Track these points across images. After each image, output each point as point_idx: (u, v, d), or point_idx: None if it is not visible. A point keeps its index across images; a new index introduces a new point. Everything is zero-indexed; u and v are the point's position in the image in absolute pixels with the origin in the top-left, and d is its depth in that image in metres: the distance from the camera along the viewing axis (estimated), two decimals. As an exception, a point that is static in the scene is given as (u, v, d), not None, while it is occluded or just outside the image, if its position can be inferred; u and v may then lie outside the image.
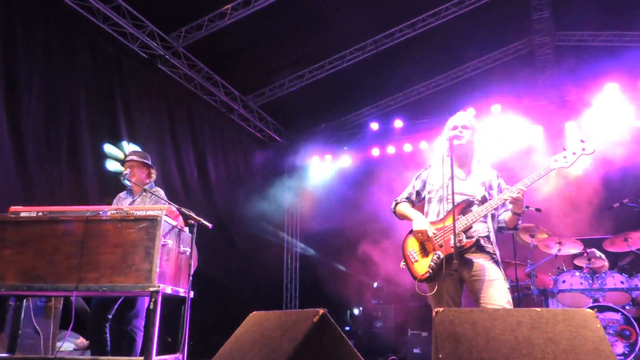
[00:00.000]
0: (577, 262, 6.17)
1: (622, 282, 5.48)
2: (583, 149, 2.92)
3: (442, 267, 2.85)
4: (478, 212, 2.89)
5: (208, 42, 6.81)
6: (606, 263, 6.04)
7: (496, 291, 2.79)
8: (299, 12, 6.86)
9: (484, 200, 2.98)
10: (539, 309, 2.21)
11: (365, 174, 8.96)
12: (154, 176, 4.09)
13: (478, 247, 2.88)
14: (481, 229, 2.96)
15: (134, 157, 4.03)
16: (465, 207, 2.94)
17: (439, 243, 2.92)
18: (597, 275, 5.66)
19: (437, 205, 3.09)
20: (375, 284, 8.07)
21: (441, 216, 3.04)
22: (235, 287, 7.60)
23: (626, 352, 4.95)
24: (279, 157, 9.21)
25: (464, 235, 2.85)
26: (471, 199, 2.97)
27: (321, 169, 9.44)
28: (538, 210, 5.66)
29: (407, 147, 8.78)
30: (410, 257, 3.03)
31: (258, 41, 7.21)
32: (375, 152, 9.05)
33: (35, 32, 5.24)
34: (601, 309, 5.21)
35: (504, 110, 7.94)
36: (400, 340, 7.27)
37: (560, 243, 5.83)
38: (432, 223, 3.02)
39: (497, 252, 2.97)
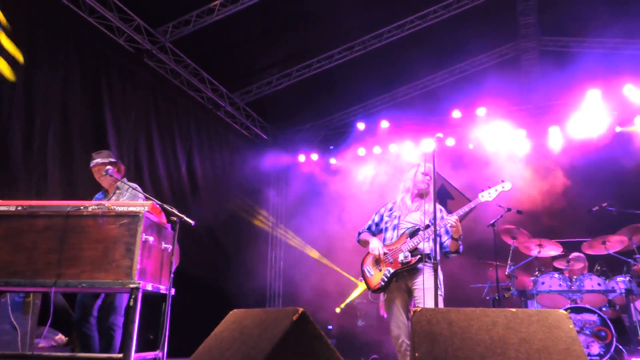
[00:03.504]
0: (556, 264, 6.28)
1: (599, 284, 5.59)
2: (503, 187, 3.70)
3: (391, 281, 3.63)
4: (421, 236, 3.61)
5: (196, 38, 6.78)
6: (585, 265, 6.16)
7: (428, 299, 3.43)
8: (287, 10, 6.86)
9: (427, 227, 3.65)
10: (514, 310, 2.26)
11: (351, 173, 8.99)
12: (123, 171, 4.08)
13: (421, 262, 3.56)
14: (425, 248, 3.61)
15: (98, 160, 4.00)
16: (413, 232, 3.68)
17: (390, 261, 3.67)
18: (575, 277, 5.76)
19: (391, 233, 3.82)
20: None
21: (394, 240, 3.75)
22: (219, 285, 7.58)
23: (602, 352, 5.05)
24: (266, 155, 9.18)
25: (409, 254, 3.60)
26: (418, 226, 3.71)
27: (307, 167, 9.45)
28: (519, 212, 5.75)
29: (393, 148, 8.82)
30: (367, 272, 3.80)
31: (246, 38, 7.19)
32: (362, 152, 9.08)
33: (18, 23, 5.15)
34: (579, 310, 5.30)
35: (489, 113, 8.03)
36: (382, 339, 7.31)
37: (540, 245, 5.93)
38: (386, 246, 3.75)
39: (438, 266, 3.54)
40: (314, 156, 9.39)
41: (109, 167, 3.89)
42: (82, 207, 3.05)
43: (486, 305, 6.33)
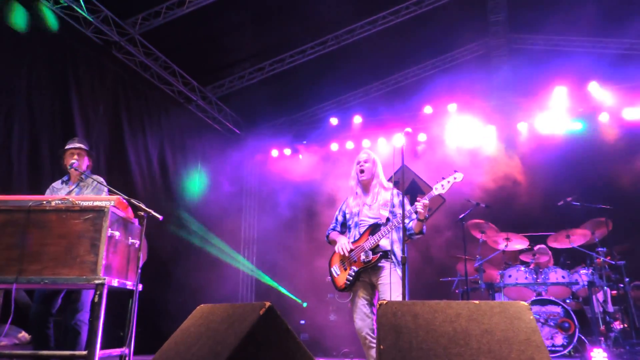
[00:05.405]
0: (523, 257, 6.44)
1: (563, 277, 5.76)
2: (455, 178, 3.56)
3: (357, 279, 3.64)
4: (382, 232, 3.60)
5: (166, 30, 6.65)
6: (550, 258, 6.33)
7: (393, 292, 3.50)
8: (260, 4, 6.80)
9: (388, 222, 3.65)
10: (477, 302, 2.30)
11: (324, 168, 9.01)
12: (88, 165, 4.08)
13: (383, 259, 3.59)
14: (386, 244, 3.65)
15: (81, 146, 3.99)
16: (373, 229, 3.66)
17: (354, 259, 3.68)
18: (541, 270, 5.92)
19: (354, 230, 3.82)
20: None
21: (357, 238, 3.73)
22: (192, 281, 7.50)
23: (565, 343, 5.21)
24: (238, 149, 9.11)
25: (371, 252, 3.60)
26: (378, 222, 3.69)
27: (280, 162, 9.42)
28: (487, 207, 5.87)
29: (366, 143, 8.87)
30: (334, 272, 3.81)
31: (218, 31, 7.10)
32: (335, 147, 9.11)
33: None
34: (543, 302, 5.46)
35: (460, 110, 8.15)
36: (354, 333, 7.36)
37: (507, 239, 6.06)
38: (352, 243, 3.72)
39: (399, 260, 3.57)
40: (287, 151, 9.37)
41: (74, 161, 3.82)
42: (44, 202, 2.98)
43: (455, 299, 6.44)
